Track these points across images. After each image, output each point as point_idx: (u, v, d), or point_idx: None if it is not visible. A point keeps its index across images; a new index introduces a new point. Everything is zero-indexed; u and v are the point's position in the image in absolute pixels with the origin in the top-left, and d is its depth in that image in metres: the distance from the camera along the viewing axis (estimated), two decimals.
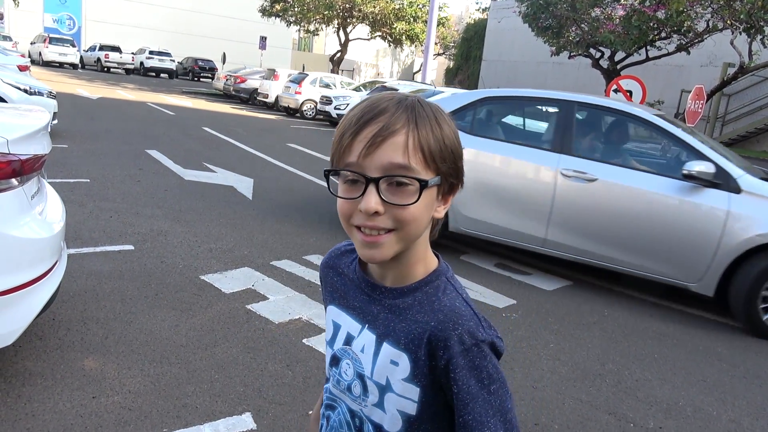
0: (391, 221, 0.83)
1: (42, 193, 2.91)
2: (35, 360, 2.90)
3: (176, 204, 6.19)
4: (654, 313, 4.56)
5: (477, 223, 5.17)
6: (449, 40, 47.05)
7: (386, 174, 0.82)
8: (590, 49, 15.72)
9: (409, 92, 5.13)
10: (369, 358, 0.92)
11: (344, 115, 0.88)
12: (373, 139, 0.81)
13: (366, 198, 0.82)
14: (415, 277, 0.92)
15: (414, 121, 0.83)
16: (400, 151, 0.81)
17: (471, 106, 5.39)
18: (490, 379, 0.86)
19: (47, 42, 30.02)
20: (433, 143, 0.84)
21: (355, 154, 0.82)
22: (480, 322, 0.89)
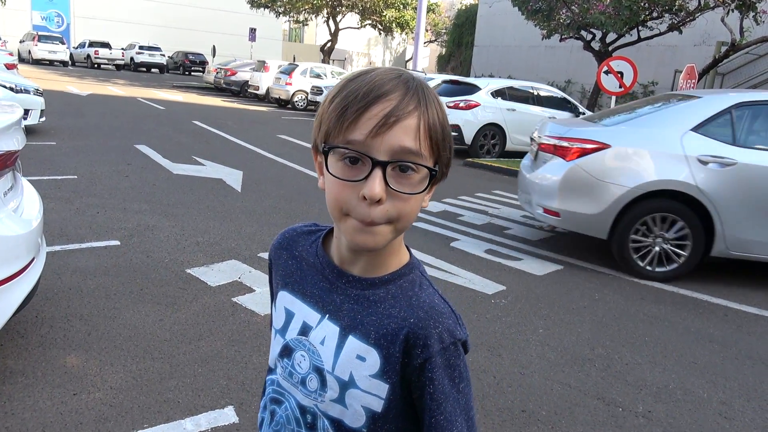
0: (391, 212, 0.77)
1: (17, 190, 2.86)
2: (16, 358, 2.86)
3: (164, 198, 6.13)
4: (646, 296, 4.54)
5: (753, 244, 4.74)
6: (441, 26, 46.75)
7: (395, 159, 0.75)
8: (581, 32, 15.59)
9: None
10: (330, 351, 0.86)
11: (340, 87, 0.80)
12: (385, 118, 0.74)
13: (371, 182, 0.74)
14: (387, 268, 0.87)
15: (425, 104, 0.77)
16: (412, 135, 0.75)
17: (726, 113, 4.91)
18: (460, 378, 0.84)
19: (36, 40, 29.73)
20: (439, 129, 0.79)
21: (362, 132, 0.74)
22: (457, 320, 0.85)
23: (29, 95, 8.81)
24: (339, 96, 0.78)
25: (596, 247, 5.77)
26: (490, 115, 11.08)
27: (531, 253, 5.39)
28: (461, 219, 6.44)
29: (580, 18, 14.33)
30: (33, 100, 8.85)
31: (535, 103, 11.73)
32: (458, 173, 9.71)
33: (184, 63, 35.42)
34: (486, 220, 6.52)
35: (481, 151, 11.13)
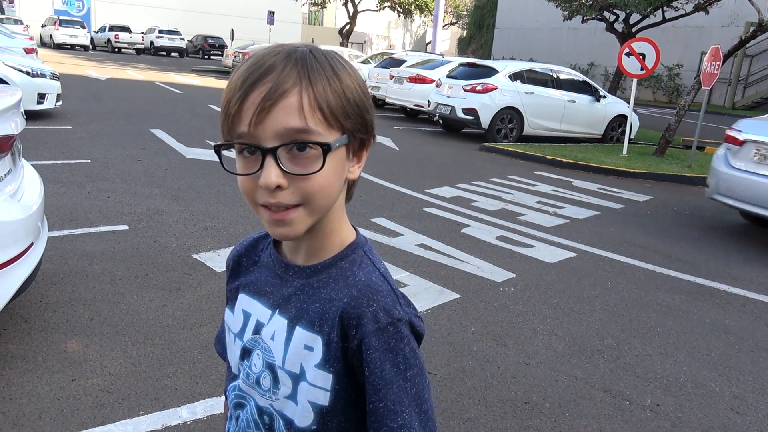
0: (297, 195, 0.74)
1: (16, 174, 2.84)
2: (18, 342, 2.87)
3: (175, 183, 6.13)
4: (661, 285, 4.41)
5: None
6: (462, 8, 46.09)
7: (283, 142, 0.71)
8: (604, 12, 15.19)
9: (415, 62, 4.97)
10: (280, 345, 0.82)
11: (231, 76, 0.77)
12: (263, 103, 0.70)
13: (265, 172, 0.72)
14: (330, 251, 0.83)
15: (307, 77, 0.72)
16: (294, 114, 0.71)
17: None
18: (406, 364, 0.77)
19: (57, 24, 29.98)
20: (332, 99, 0.73)
21: (245, 123, 0.71)
22: (398, 299, 0.80)
23: (45, 79, 8.86)
24: (226, 88, 0.76)
25: (612, 234, 5.64)
26: (508, 98, 10.88)
27: (544, 240, 5.28)
28: (474, 204, 6.34)
29: None
30: (49, 84, 8.91)
31: (555, 87, 11.48)
32: (473, 158, 9.58)
33: (204, 47, 35.48)
34: (499, 206, 6.41)
35: (498, 135, 10.96)
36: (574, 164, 9.23)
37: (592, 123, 11.89)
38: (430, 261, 4.46)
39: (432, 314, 3.57)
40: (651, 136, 13.24)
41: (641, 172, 8.80)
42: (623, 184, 8.24)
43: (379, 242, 4.71)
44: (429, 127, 12.81)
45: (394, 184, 6.92)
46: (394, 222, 5.34)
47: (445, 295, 3.83)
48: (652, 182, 8.58)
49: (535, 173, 8.57)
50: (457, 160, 9.28)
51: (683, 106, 9.95)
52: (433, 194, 6.65)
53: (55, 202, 4.97)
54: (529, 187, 7.56)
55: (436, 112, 11.52)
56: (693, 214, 6.85)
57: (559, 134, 11.61)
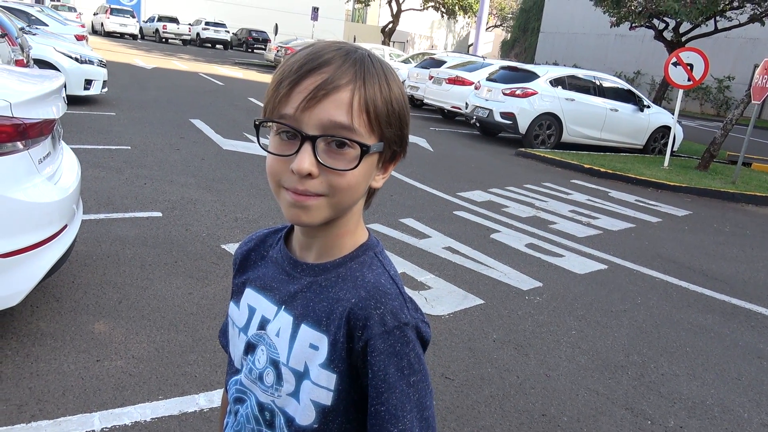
0: (324, 186, 0.74)
1: (55, 157, 2.93)
2: (49, 321, 2.97)
3: (210, 173, 6.24)
4: (694, 303, 4.28)
5: None
6: (507, 11, 45.62)
7: (325, 133, 0.73)
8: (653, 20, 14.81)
9: (455, 63, 5.01)
10: (285, 342, 0.82)
11: (283, 61, 0.78)
12: (315, 91, 0.72)
13: (300, 157, 0.72)
14: (341, 250, 0.83)
15: (362, 78, 0.74)
16: (343, 109, 0.72)
17: None
18: (410, 369, 0.77)
19: (108, 13, 30.88)
20: (380, 104, 0.75)
21: (293, 106, 0.73)
22: (405, 303, 0.79)
23: (93, 66, 9.13)
24: (279, 69, 0.77)
25: (646, 248, 5.49)
26: (548, 104, 10.71)
27: (574, 250, 5.18)
28: (505, 210, 6.27)
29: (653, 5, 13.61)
30: (96, 71, 9.18)
31: (597, 94, 11.25)
32: (509, 163, 9.46)
33: (248, 40, 36.00)
34: (531, 213, 6.31)
35: (536, 141, 10.80)
36: (612, 174, 9.03)
37: (634, 133, 11.61)
38: (456, 265, 4.42)
39: (454, 318, 3.54)
40: (695, 150, 12.86)
41: (682, 186, 8.56)
42: (662, 198, 8.03)
43: (406, 243, 4.70)
44: (465, 130, 12.73)
45: (425, 186, 6.89)
46: (423, 223, 5.32)
47: (469, 300, 3.80)
48: (693, 197, 8.33)
49: (571, 182, 8.42)
50: (491, 164, 9.19)
51: (731, 119, 9.63)
52: (465, 198, 6.60)
53: (93, 186, 5.12)
54: (564, 195, 7.43)
55: (474, 114, 11.42)
56: (734, 232, 6.62)
57: (598, 143, 11.38)
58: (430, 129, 12.12)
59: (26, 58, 6.98)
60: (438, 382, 2.85)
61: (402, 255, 4.42)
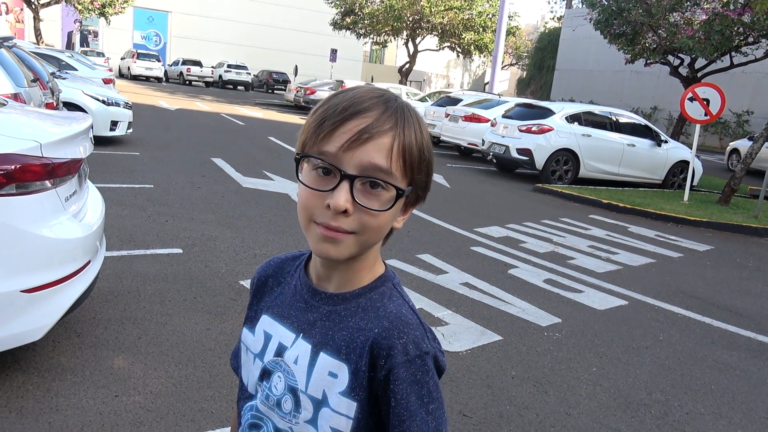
0: (356, 224, 0.78)
1: (81, 195, 3.02)
2: (69, 356, 3.01)
3: (230, 210, 6.34)
4: (717, 340, 4.18)
5: None
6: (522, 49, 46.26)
7: (364, 174, 0.77)
8: (668, 56, 14.91)
9: (471, 101, 5.11)
10: (303, 370, 0.85)
11: (324, 100, 0.82)
12: (360, 134, 0.76)
13: (337, 194, 0.76)
14: (360, 283, 0.87)
15: (402, 125, 0.79)
16: (384, 153, 0.77)
17: None
18: (430, 397, 0.80)
19: (135, 57, 32.01)
20: (415, 151, 0.80)
21: (336, 145, 0.77)
22: (426, 333, 0.83)
23: (119, 108, 9.44)
24: (321, 108, 0.81)
25: (667, 284, 5.41)
26: (564, 140, 10.75)
27: (594, 285, 5.13)
28: (523, 246, 6.24)
29: (667, 42, 13.72)
30: (122, 113, 9.48)
31: (613, 130, 11.28)
32: (526, 198, 9.46)
33: (268, 81, 36.92)
34: (549, 248, 6.28)
35: (553, 177, 10.80)
36: (631, 209, 8.96)
37: (653, 168, 11.56)
38: (474, 300, 4.40)
39: (472, 355, 3.51)
40: (716, 184, 12.74)
41: (703, 221, 8.45)
42: (683, 233, 7.93)
43: (424, 278, 4.70)
44: (482, 166, 12.79)
45: (442, 221, 6.91)
46: (440, 259, 5.32)
47: (487, 336, 3.76)
48: (714, 232, 8.21)
49: (589, 217, 8.37)
50: (508, 200, 9.20)
51: (750, 153, 9.56)
52: (482, 233, 6.59)
53: (117, 223, 5.23)
54: (582, 230, 7.38)
55: (490, 151, 11.50)
56: (758, 267, 6.49)
57: (616, 178, 11.34)
58: (447, 165, 12.21)
59: (56, 101, 7.26)
60: (456, 419, 2.81)
61: (419, 291, 4.41)
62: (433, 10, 25.58)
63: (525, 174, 11.91)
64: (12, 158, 2.41)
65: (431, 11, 25.55)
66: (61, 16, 33.63)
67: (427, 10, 25.51)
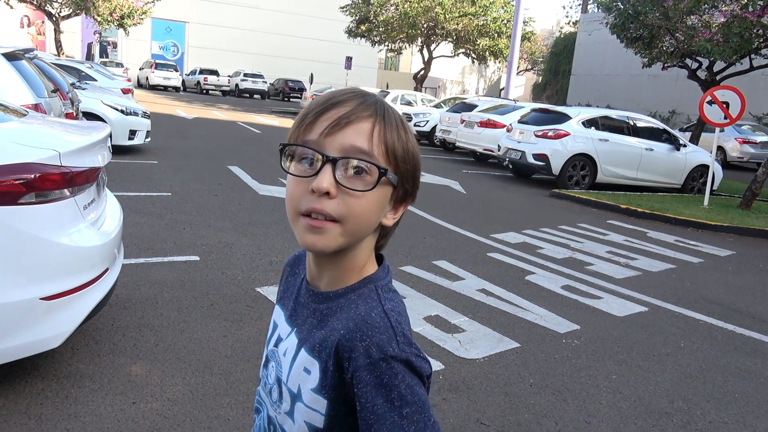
0: (340, 207, 0.78)
1: (99, 203, 3.06)
2: (88, 363, 3.03)
3: (247, 217, 6.38)
4: (741, 347, 4.09)
5: None
6: (537, 55, 46.08)
7: (345, 155, 0.78)
8: (686, 60, 14.73)
9: (487, 107, 5.17)
10: (288, 362, 0.88)
11: (309, 102, 0.87)
12: (339, 120, 0.79)
13: (320, 176, 0.78)
14: (346, 283, 0.87)
15: (382, 116, 0.82)
16: (364, 136, 0.79)
17: None
18: (402, 401, 0.76)
19: (153, 67, 32.47)
20: (397, 144, 0.82)
21: (317, 133, 0.79)
22: (395, 336, 0.80)
23: (137, 117, 9.56)
24: (307, 105, 0.85)
25: (688, 290, 5.32)
26: (581, 145, 10.66)
27: (613, 291, 5.06)
28: (540, 252, 6.18)
29: (685, 45, 13.56)
30: (140, 122, 9.60)
31: (631, 134, 11.16)
32: (542, 204, 9.39)
33: (284, 89, 37.19)
34: (567, 254, 6.21)
35: (570, 182, 10.71)
36: (650, 214, 8.85)
37: (671, 172, 11.41)
38: (491, 307, 4.36)
39: (489, 362, 3.47)
40: (736, 188, 12.53)
41: (723, 226, 8.31)
42: (703, 238, 7.80)
43: (440, 285, 4.67)
44: (498, 172, 12.73)
45: (458, 228, 6.88)
46: (457, 266, 5.28)
47: (504, 344, 3.72)
48: (736, 236, 8.07)
49: (607, 222, 8.28)
50: (525, 205, 9.13)
51: None
52: (499, 239, 6.55)
53: (135, 231, 5.28)
54: (600, 236, 7.30)
55: (506, 156, 11.44)
56: None
57: (634, 183, 11.21)
58: (463, 172, 12.17)
59: (75, 111, 7.37)
60: (473, 428, 2.78)
61: (435, 297, 4.38)
62: (447, 17, 25.58)
63: (541, 179, 11.83)
64: (32, 167, 2.45)
65: (446, 18, 25.56)
66: (81, 28, 34.26)
67: (441, 17, 25.52)
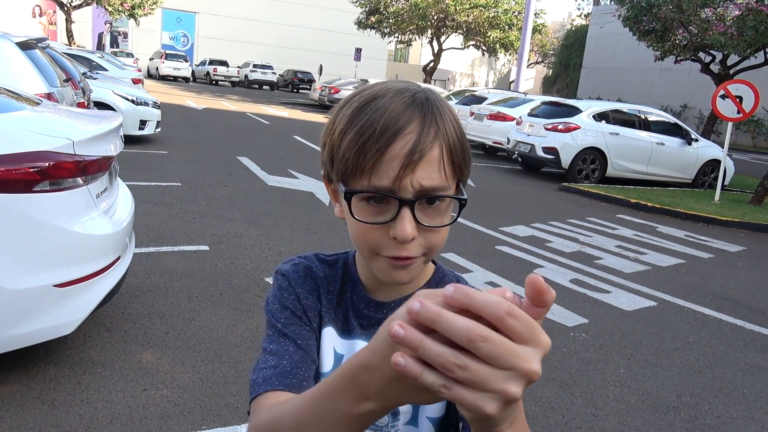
0: (423, 246, 0.74)
1: (111, 192, 3.08)
2: (100, 350, 3.07)
3: (256, 208, 6.40)
4: (750, 343, 4.08)
5: None
6: (548, 47, 45.76)
7: (422, 195, 0.71)
8: (699, 53, 14.59)
9: (497, 99, 5.13)
10: None
11: (350, 118, 0.73)
12: (410, 157, 0.69)
13: (401, 224, 0.70)
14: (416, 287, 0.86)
15: (443, 126, 0.73)
16: (436, 169, 0.71)
17: None
18: None
19: (163, 58, 32.51)
20: (459, 147, 0.74)
21: (389, 177, 0.70)
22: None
23: (148, 107, 9.60)
24: (352, 130, 0.72)
25: (697, 285, 5.29)
26: (591, 138, 10.60)
27: (621, 286, 5.04)
28: (549, 245, 6.17)
29: (698, 39, 13.42)
30: (151, 112, 9.64)
31: (642, 128, 11.08)
32: (551, 198, 9.35)
33: (293, 81, 37.16)
34: (576, 248, 6.20)
35: (579, 176, 10.66)
36: (660, 209, 8.79)
37: (682, 167, 11.33)
38: None
39: None
40: (748, 184, 12.43)
41: (734, 221, 8.25)
42: (714, 233, 7.75)
43: None
44: (507, 165, 12.68)
45: (467, 221, 6.88)
46: (465, 258, 5.29)
47: None
48: (747, 232, 8.01)
49: (616, 216, 8.24)
50: (534, 199, 9.10)
51: None
52: (507, 232, 6.54)
53: (145, 221, 5.32)
54: (609, 230, 7.27)
55: (516, 149, 11.40)
56: None
57: (645, 177, 11.14)
58: (472, 164, 12.11)
59: (87, 100, 7.41)
60: None
61: None
62: (458, 9, 25.45)
63: (551, 173, 11.78)
64: (46, 155, 2.47)
65: (456, 9, 25.43)
66: (92, 18, 34.38)
67: (452, 9, 25.39)
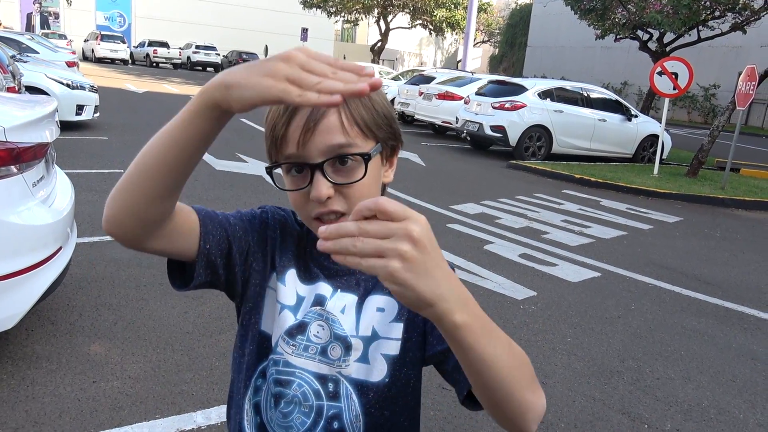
0: (343, 201, 0.81)
1: (49, 181, 2.95)
2: (44, 344, 2.96)
3: (204, 194, 6.26)
4: (687, 308, 4.31)
5: None
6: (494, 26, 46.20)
7: (328, 156, 0.80)
8: (637, 31, 15.05)
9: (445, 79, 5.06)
10: (352, 315, 0.89)
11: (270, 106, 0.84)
12: (307, 125, 0.79)
13: (315, 186, 0.80)
14: None
15: None
16: (337, 131, 0.79)
17: None
18: None
19: (99, 39, 31.03)
20: (365, 113, 0.82)
21: (293, 144, 0.80)
22: None
23: (84, 91, 9.18)
24: (268, 115, 0.84)
25: (638, 255, 5.54)
26: (537, 116, 10.83)
27: (568, 258, 5.22)
28: (498, 222, 6.31)
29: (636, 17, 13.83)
30: (88, 96, 9.23)
31: (585, 105, 11.39)
32: (500, 175, 9.54)
33: (238, 62, 36.21)
34: (524, 223, 6.36)
35: (526, 153, 10.90)
36: (603, 183, 9.11)
37: (623, 142, 11.74)
38: None
39: None
40: (684, 157, 13.01)
41: (672, 193, 8.64)
42: (653, 205, 8.10)
43: None
44: (457, 144, 12.82)
45: (418, 200, 6.94)
46: None
47: None
48: (683, 203, 8.41)
49: (562, 192, 8.49)
50: (483, 177, 9.26)
51: (717, 126, 9.77)
52: (458, 210, 6.64)
53: (87, 209, 5.12)
54: (556, 205, 7.49)
55: (464, 128, 11.53)
56: (724, 237, 6.68)
57: (588, 153, 11.49)
58: (422, 144, 12.21)
59: (18, 85, 7.02)
60: (435, 393, 2.86)
61: None
62: None
63: (499, 151, 11.99)
64: None
65: None
66: None
67: None
